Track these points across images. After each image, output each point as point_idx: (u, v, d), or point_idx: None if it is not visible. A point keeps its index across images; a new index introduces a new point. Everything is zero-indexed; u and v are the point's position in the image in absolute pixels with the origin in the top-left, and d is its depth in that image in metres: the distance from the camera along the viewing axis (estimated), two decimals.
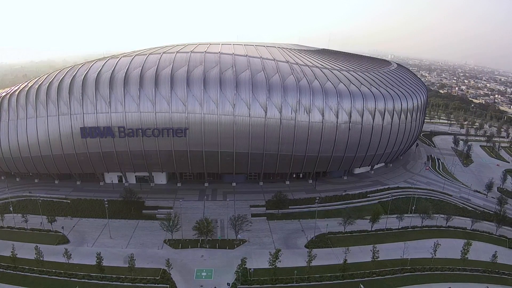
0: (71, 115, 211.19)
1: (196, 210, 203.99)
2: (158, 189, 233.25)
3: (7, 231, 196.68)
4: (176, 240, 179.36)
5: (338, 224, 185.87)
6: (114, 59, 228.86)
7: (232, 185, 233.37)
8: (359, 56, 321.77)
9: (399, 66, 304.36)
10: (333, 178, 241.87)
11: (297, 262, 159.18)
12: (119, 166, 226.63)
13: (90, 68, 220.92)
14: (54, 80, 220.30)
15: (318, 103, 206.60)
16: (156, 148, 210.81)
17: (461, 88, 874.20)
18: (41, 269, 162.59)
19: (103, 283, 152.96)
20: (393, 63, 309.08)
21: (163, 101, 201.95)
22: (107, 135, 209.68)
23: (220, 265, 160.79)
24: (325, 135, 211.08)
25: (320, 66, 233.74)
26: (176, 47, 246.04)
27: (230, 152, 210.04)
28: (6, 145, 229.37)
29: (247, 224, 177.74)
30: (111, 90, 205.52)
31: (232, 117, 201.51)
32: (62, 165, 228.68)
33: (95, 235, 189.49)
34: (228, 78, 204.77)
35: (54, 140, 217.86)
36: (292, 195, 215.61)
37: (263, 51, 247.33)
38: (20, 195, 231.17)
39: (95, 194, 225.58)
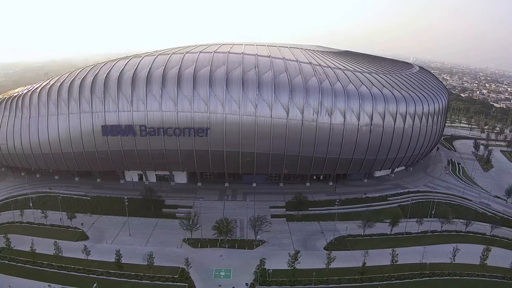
0: (93, 113, 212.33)
1: (216, 210, 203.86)
2: (178, 188, 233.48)
3: (26, 227, 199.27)
4: (195, 239, 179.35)
5: (358, 227, 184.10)
6: (136, 58, 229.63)
7: (252, 185, 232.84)
8: (381, 58, 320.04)
9: (421, 69, 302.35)
10: (354, 180, 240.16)
11: (315, 264, 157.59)
12: (139, 165, 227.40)
13: (113, 67, 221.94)
14: (76, 78, 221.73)
15: (340, 105, 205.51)
16: (177, 147, 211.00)
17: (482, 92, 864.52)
18: (59, 265, 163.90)
19: (122, 280, 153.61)
20: (415, 66, 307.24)
21: (185, 101, 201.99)
22: (128, 134, 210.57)
23: (239, 265, 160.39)
24: (346, 137, 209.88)
25: (343, 68, 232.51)
26: (199, 47, 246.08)
27: (251, 152, 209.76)
28: (27, 142, 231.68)
29: (267, 225, 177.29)
30: (133, 89, 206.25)
31: (254, 117, 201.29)
32: (82, 163, 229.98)
33: (114, 232, 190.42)
34: (251, 78, 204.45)
35: (75, 137, 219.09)
36: (312, 197, 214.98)
37: (286, 52, 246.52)
38: (40, 191, 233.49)
39: (115, 192, 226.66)
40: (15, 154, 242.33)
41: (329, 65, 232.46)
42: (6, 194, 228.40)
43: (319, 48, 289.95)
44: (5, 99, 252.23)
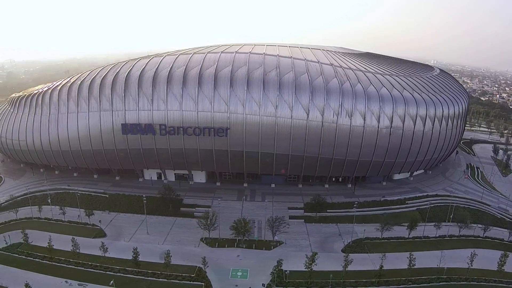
0: (113, 111, 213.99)
1: (234, 210, 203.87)
2: (197, 187, 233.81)
3: (44, 222, 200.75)
4: (213, 239, 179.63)
5: (376, 230, 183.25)
6: (158, 58, 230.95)
7: (271, 186, 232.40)
8: (402, 61, 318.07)
9: (441, 71, 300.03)
10: (372, 183, 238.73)
11: (333, 266, 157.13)
12: (158, 163, 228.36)
13: (134, 65, 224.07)
14: (96, 77, 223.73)
15: (360, 107, 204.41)
16: (197, 146, 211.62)
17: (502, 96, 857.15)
18: (77, 261, 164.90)
19: (138, 278, 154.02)
20: (436, 68, 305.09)
21: (205, 101, 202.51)
22: (148, 132, 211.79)
23: (256, 266, 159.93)
24: (366, 139, 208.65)
25: (364, 70, 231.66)
26: (221, 47, 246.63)
27: (271, 153, 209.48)
28: (46, 139, 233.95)
29: (285, 226, 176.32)
30: (154, 88, 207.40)
31: (274, 118, 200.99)
32: (101, 160, 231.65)
33: (132, 230, 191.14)
34: (272, 79, 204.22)
35: (94, 135, 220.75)
36: (330, 199, 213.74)
37: (307, 53, 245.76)
38: (58, 188, 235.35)
39: (134, 190, 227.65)
40: (34, 151, 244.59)
41: (350, 67, 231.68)
42: (25, 190, 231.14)
43: (341, 49, 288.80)
44: (25, 97, 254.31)
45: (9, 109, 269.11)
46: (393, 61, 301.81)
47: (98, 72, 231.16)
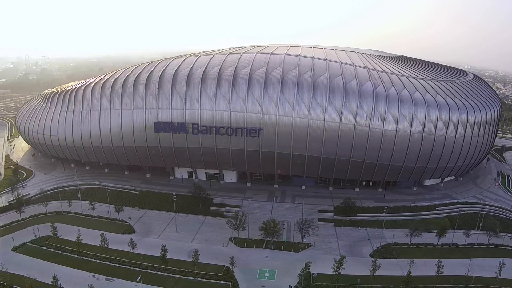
0: (146, 109, 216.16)
1: (264, 211, 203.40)
2: (228, 187, 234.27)
3: (73, 217, 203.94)
4: (241, 239, 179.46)
5: (405, 236, 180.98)
6: (193, 57, 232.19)
7: (301, 188, 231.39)
8: (436, 65, 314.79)
9: (475, 76, 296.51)
10: (403, 188, 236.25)
11: (360, 270, 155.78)
12: (190, 162, 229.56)
13: (168, 64, 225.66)
14: (130, 75, 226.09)
15: (393, 111, 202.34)
16: (229, 146, 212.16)
17: None
18: (105, 256, 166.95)
19: (166, 275, 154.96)
20: (469, 74, 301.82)
21: (239, 101, 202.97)
22: (181, 131, 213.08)
23: (284, 267, 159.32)
24: (398, 144, 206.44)
25: (398, 73, 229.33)
26: (256, 48, 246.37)
27: (302, 155, 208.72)
28: (78, 135, 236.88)
29: (314, 228, 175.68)
30: (187, 87, 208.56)
31: (307, 120, 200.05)
32: (133, 157, 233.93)
33: (161, 227, 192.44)
34: (306, 81, 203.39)
35: (126, 132, 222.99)
36: (360, 203, 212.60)
37: (342, 56, 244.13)
38: (89, 183, 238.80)
39: (164, 188, 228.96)
40: (65, 146, 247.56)
41: (385, 70, 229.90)
42: (55, 184, 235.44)
43: (376, 52, 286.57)
44: (58, 93, 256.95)
45: (41, 104, 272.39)
46: (427, 65, 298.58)
47: (132, 70, 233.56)
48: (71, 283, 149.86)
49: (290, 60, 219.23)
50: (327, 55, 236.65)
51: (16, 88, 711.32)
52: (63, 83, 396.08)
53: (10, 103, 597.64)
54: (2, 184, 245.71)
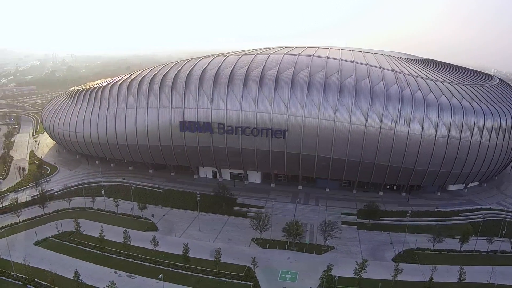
0: (172, 108, 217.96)
1: (287, 212, 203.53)
2: (252, 187, 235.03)
3: (97, 213, 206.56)
4: (264, 239, 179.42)
5: (428, 241, 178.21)
6: (220, 57, 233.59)
7: (325, 190, 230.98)
8: (462, 68, 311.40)
9: (501, 81, 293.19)
10: (426, 193, 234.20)
11: (382, 275, 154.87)
12: (214, 162, 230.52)
13: (196, 64, 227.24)
14: (157, 74, 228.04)
15: (419, 115, 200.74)
16: (254, 147, 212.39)
17: None
18: (127, 253, 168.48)
19: (187, 274, 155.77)
20: (496, 78, 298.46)
21: (265, 102, 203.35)
22: (206, 131, 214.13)
23: (305, 269, 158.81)
24: (423, 148, 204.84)
25: (424, 77, 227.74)
26: (285, 49, 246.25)
27: (327, 157, 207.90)
28: (104, 132, 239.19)
29: (337, 231, 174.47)
30: (214, 87, 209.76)
31: (333, 122, 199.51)
32: (158, 156, 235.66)
33: (184, 226, 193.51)
34: (333, 83, 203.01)
35: (152, 131, 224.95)
36: (384, 206, 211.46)
37: (370, 58, 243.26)
38: (113, 180, 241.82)
39: (188, 187, 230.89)
40: (90, 143, 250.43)
41: (411, 73, 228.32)
42: (79, 181, 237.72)
43: (403, 55, 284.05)
44: (84, 90, 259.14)
45: (67, 101, 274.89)
46: (453, 68, 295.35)
47: (159, 69, 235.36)
48: (92, 279, 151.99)
49: (318, 62, 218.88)
50: (355, 57, 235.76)
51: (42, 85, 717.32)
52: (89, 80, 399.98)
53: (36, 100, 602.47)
54: (26, 179, 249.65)
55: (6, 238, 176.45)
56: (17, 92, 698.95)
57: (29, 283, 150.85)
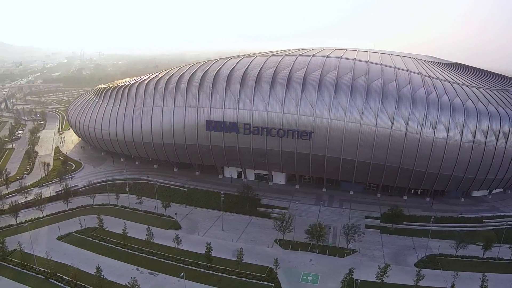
0: (198, 108, 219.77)
1: (311, 214, 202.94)
2: (276, 188, 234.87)
3: (120, 210, 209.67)
4: (286, 241, 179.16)
5: (450, 247, 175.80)
6: (248, 58, 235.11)
7: (349, 193, 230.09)
8: (489, 73, 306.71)
9: None
10: (450, 198, 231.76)
11: (404, 279, 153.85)
12: (240, 162, 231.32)
13: (224, 64, 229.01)
14: (185, 73, 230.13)
15: (445, 119, 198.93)
16: (279, 148, 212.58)
17: None
18: (150, 250, 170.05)
19: (209, 273, 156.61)
20: None
21: (292, 103, 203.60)
22: (232, 131, 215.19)
23: (327, 272, 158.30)
24: (448, 152, 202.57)
25: (451, 81, 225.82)
26: (313, 51, 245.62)
27: (352, 160, 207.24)
28: (129, 130, 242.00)
29: (360, 234, 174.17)
30: (241, 88, 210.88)
31: (359, 125, 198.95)
32: (183, 154, 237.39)
33: (207, 225, 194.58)
34: (360, 85, 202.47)
35: (178, 130, 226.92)
36: (408, 211, 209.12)
37: (397, 61, 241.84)
38: (137, 178, 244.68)
39: (212, 186, 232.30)
40: (116, 141, 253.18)
41: (438, 77, 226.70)
42: (104, 177, 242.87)
43: (431, 58, 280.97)
44: (111, 88, 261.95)
45: (94, 99, 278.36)
46: (481, 72, 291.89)
47: (187, 68, 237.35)
48: (114, 275, 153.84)
49: (345, 64, 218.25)
50: (382, 60, 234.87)
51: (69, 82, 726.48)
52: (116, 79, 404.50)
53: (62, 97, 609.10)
54: (50, 175, 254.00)
55: (29, 232, 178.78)
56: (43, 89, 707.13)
57: (51, 277, 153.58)
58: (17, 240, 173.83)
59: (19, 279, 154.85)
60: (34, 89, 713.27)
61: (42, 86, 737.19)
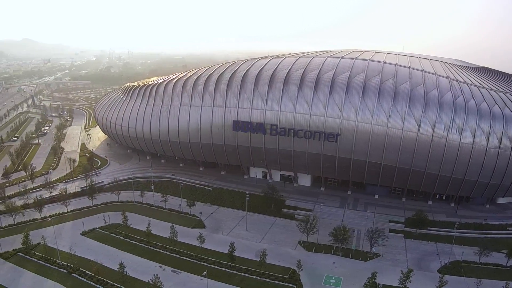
0: (226, 108, 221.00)
1: (335, 217, 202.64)
2: (301, 190, 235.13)
3: (145, 207, 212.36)
4: (310, 243, 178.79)
5: (474, 254, 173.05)
6: (277, 59, 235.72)
7: (374, 196, 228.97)
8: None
9: None
10: (475, 204, 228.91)
11: (427, 285, 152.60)
12: (265, 163, 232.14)
13: (253, 65, 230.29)
14: (214, 73, 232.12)
15: (471, 124, 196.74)
16: (306, 150, 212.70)
17: None
18: (173, 248, 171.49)
19: (231, 272, 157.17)
20: None
21: (319, 105, 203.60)
22: (259, 131, 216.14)
23: (350, 275, 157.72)
24: (474, 158, 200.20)
25: (478, 85, 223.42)
26: (342, 53, 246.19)
27: (378, 163, 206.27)
28: (156, 128, 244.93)
29: (384, 238, 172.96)
30: (269, 88, 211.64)
31: (385, 128, 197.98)
32: (209, 154, 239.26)
33: (231, 225, 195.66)
34: (388, 88, 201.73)
35: (205, 129, 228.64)
36: (432, 216, 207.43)
37: (426, 64, 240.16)
38: (162, 176, 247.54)
39: (238, 186, 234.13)
40: (143, 139, 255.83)
41: (466, 81, 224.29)
42: (129, 175, 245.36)
43: (458, 62, 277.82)
44: (139, 86, 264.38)
45: (121, 97, 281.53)
46: (509, 78, 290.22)
47: (215, 68, 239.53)
48: (137, 271, 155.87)
49: (374, 67, 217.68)
50: (411, 63, 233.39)
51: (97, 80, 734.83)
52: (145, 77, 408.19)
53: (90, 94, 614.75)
54: (76, 171, 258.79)
55: (53, 226, 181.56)
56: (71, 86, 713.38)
57: (74, 271, 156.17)
58: (41, 234, 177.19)
59: (42, 272, 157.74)
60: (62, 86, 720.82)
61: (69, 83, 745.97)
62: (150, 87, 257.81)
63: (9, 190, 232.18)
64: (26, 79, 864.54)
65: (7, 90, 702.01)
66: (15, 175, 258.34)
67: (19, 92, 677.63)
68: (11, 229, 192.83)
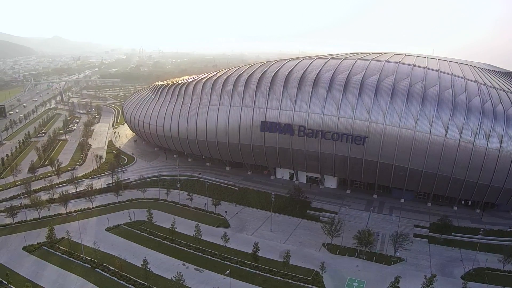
0: (254, 108, 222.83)
1: (360, 220, 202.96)
2: (327, 192, 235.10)
3: (171, 205, 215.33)
4: (334, 245, 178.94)
5: (498, 261, 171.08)
6: (308, 60, 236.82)
7: (400, 201, 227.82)
8: None
9: None
10: (501, 211, 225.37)
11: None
12: (292, 164, 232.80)
13: (283, 66, 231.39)
14: (243, 74, 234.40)
15: (498, 129, 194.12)
16: (333, 152, 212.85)
17: None
18: (197, 247, 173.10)
19: (254, 272, 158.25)
20: None
21: (348, 107, 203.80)
22: (286, 132, 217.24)
23: (373, 279, 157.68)
24: (500, 164, 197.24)
25: (507, 90, 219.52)
26: (372, 55, 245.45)
27: (405, 167, 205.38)
28: (184, 127, 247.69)
29: (408, 243, 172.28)
30: (299, 90, 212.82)
31: (413, 132, 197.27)
32: (236, 154, 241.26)
33: (256, 225, 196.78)
34: (416, 91, 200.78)
35: (232, 129, 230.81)
36: (457, 222, 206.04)
37: (455, 68, 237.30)
38: (189, 175, 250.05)
39: (264, 187, 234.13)
40: (170, 137, 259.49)
41: (494, 86, 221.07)
42: (155, 173, 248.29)
43: (487, 66, 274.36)
44: (168, 85, 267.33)
45: (150, 95, 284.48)
46: None
47: (245, 69, 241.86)
48: (160, 269, 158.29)
49: (403, 69, 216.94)
50: (440, 66, 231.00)
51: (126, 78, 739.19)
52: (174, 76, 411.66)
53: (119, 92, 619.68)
54: (102, 167, 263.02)
55: (78, 221, 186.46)
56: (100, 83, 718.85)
57: (98, 266, 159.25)
58: (66, 228, 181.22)
59: (66, 266, 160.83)
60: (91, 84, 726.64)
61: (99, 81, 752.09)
62: (179, 86, 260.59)
63: (35, 184, 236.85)
64: (55, 76, 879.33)
65: (36, 87, 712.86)
66: (41, 170, 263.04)
67: (48, 88, 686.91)
68: (36, 223, 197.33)
